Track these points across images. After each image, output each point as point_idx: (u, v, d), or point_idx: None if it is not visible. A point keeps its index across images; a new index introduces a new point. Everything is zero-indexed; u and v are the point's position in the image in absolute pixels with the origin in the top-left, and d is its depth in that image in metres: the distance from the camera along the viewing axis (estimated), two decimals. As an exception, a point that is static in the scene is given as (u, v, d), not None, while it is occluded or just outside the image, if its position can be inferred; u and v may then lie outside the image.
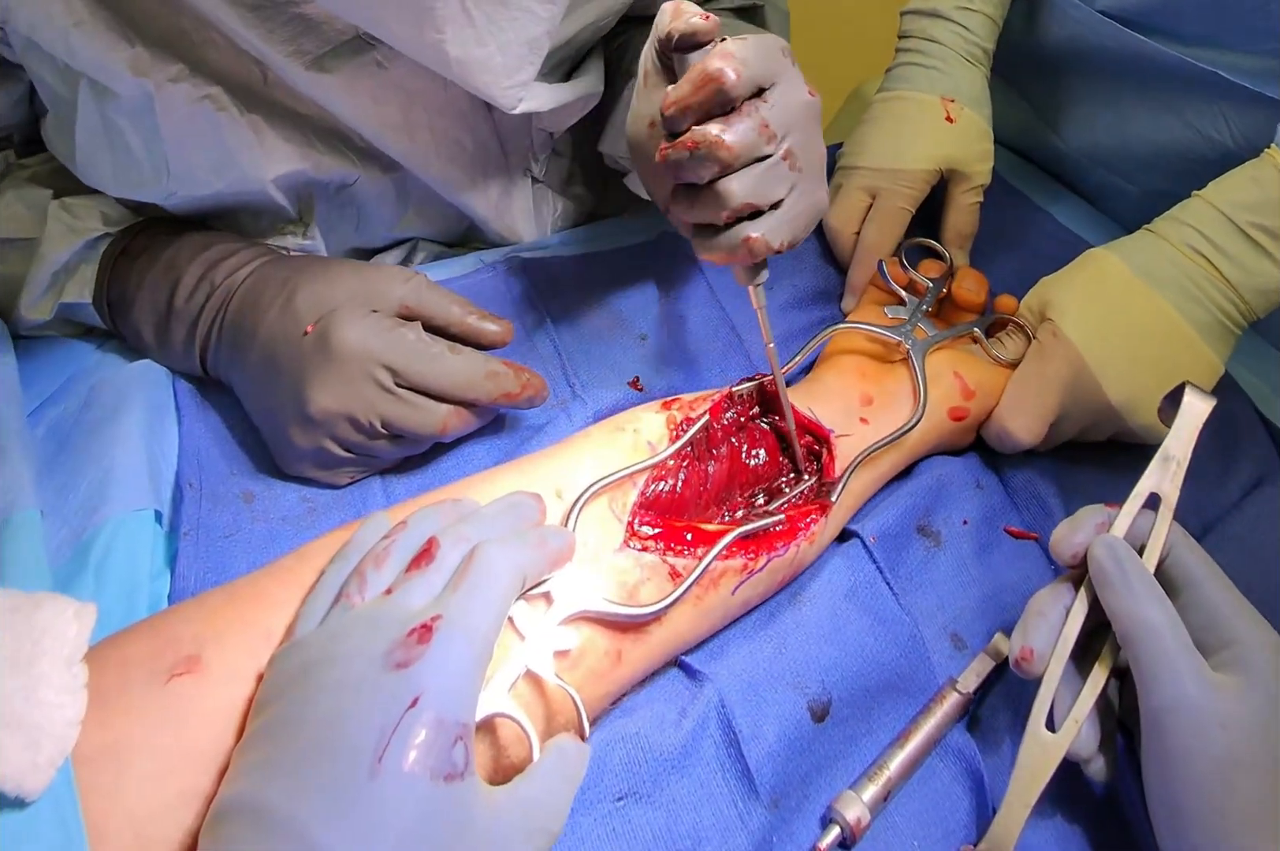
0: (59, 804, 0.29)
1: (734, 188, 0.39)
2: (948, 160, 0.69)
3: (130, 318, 0.52)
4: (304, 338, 0.46)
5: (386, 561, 0.35)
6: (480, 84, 0.48)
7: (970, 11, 0.72)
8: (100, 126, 0.48)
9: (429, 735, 0.29)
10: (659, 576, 0.41)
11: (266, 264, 0.50)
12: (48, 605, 0.31)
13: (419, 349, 0.46)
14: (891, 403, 0.52)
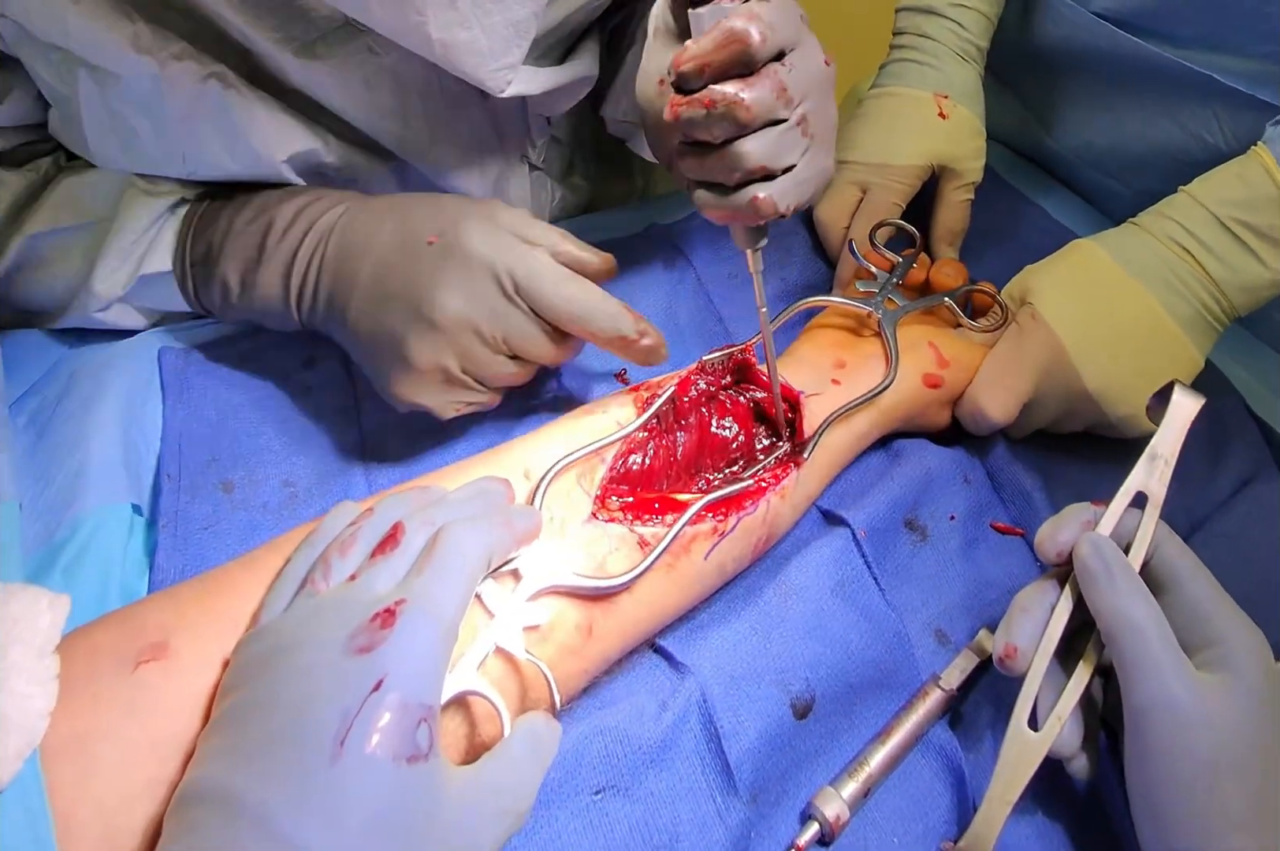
0: (26, 795, 0.29)
1: (749, 149, 0.39)
2: (939, 156, 0.69)
3: (215, 271, 0.50)
4: (429, 246, 0.45)
5: (352, 548, 0.36)
6: (466, 67, 0.48)
7: (965, 8, 0.72)
8: (106, 117, 0.48)
9: (392, 718, 0.29)
10: (627, 546, 0.41)
11: (361, 199, 0.51)
12: (21, 595, 0.31)
13: (547, 267, 0.46)
14: (864, 365, 0.53)
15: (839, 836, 0.39)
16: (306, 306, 0.49)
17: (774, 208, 0.40)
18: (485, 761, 0.32)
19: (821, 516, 0.51)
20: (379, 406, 0.50)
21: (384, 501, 0.38)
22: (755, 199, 0.40)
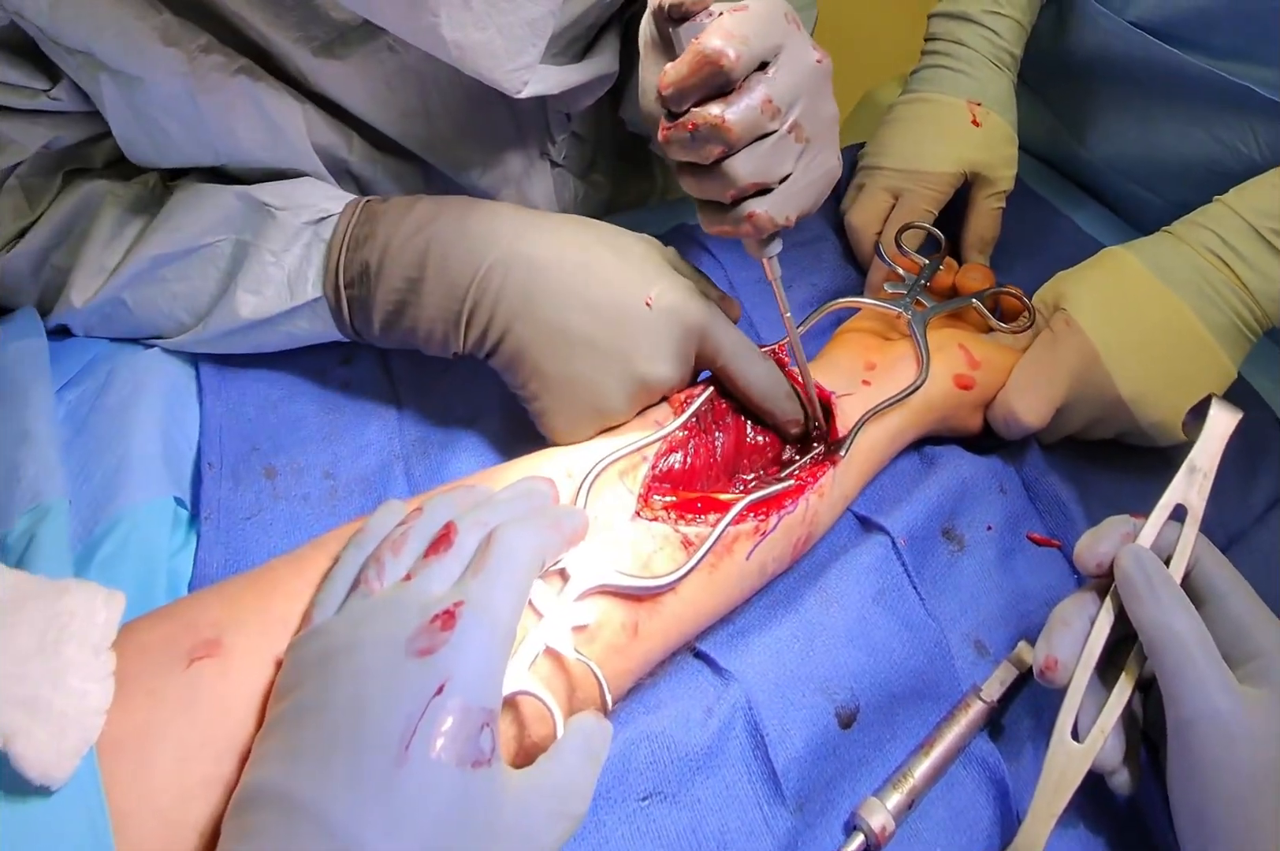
0: (84, 792, 0.29)
1: (738, 168, 0.39)
2: (972, 164, 0.69)
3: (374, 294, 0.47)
4: (646, 308, 0.46)
5: (404, 547, 0.36)
6: (482, 68, 0.47)
7: (999, 16, 0.73)
8: (132, 118, 0.48)
9: (455, 722, 0.30)
10: (671, 546, 0.42)
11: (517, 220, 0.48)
12: (76, 591, 0.31)
13: (745, 344, 0.49)
14: (894, 366, 0.53)
15: (884, 848, 0.39)
16: (475, 335, 0.47)
17: (772, 222, 0.41)
18: (541, 764, 0.32)
19: (858, 522, 0.52)
20: (417, 402, 0.50)
21: (432, 501, 0.38)
22: (752, 215, 0.40)
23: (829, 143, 0.42)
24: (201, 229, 0.50)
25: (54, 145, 0.50)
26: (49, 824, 0.28)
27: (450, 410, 0.52)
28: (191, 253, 0.50)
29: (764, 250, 0.44)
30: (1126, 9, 0.70)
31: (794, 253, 0.69)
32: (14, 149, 0.48)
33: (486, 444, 0.51)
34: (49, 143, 0.49)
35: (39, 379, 0.47)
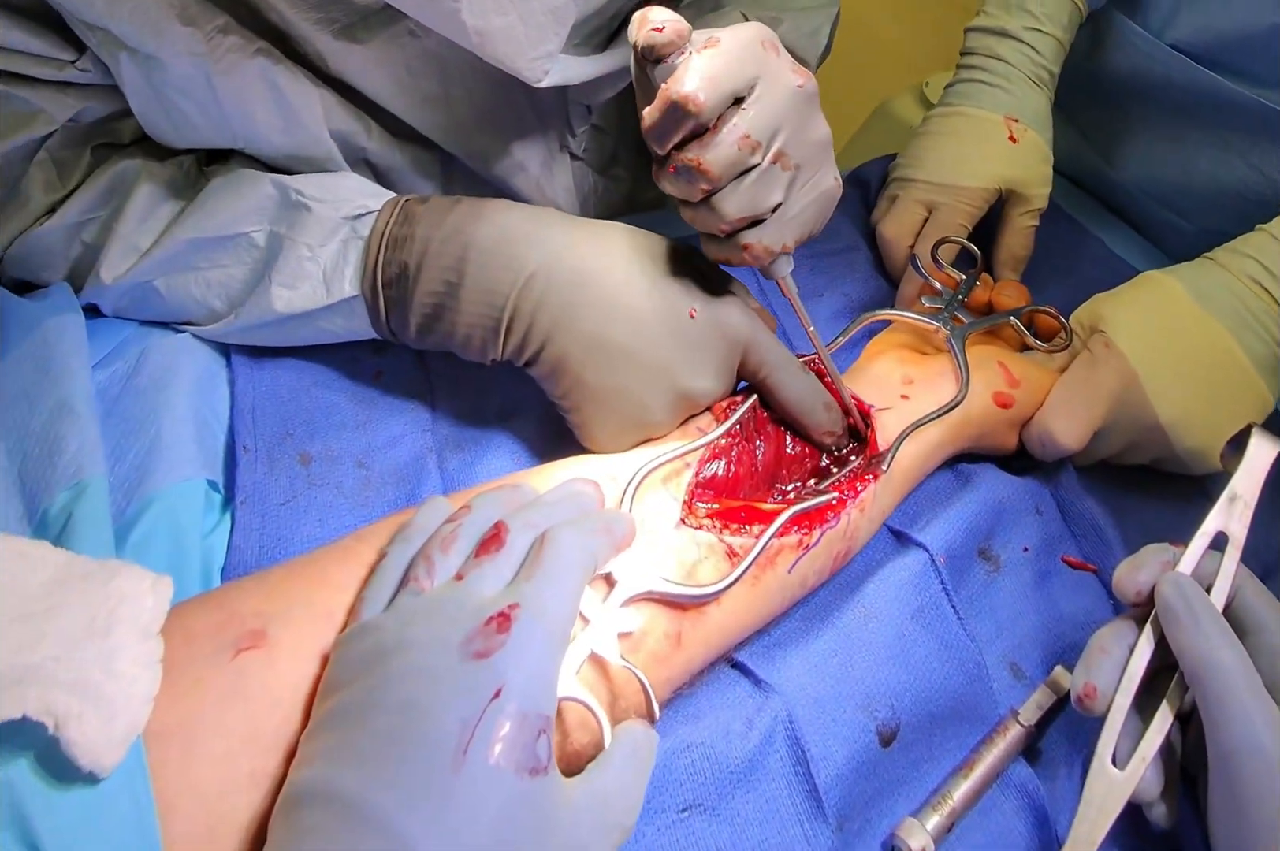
0: (131, 781, 0.29)
1: (726, 205, 0.41)
2: (1008, 181, 0.71)
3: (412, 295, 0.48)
4: (691, 320, 0.47)
5: (453, 545, 0.37)
6: (502, 56, 0.49)
7: (1040, 33, 0.75)
8: (153, 98, 0.49)
9: (513, 728, 0.30)
10: (716, 556, 0.43)
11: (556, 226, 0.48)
12: (124, 573, 0.32)
13: (787, 357, 0.50)
14: (933, 382, 0.55)
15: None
16: (515, 343, 0.47)
17: (768, 251, 0.44)
18: (592, 773, 0.33)
19: (892, 536, 0.53)
20: (451, 395, 0.51)
21: (480, 499, 0.39)
22: (748, 246, 0.43)
23: (821, 165, 0.44)
24: (237, 216, 0.50)
25: (82, 118, 0.51)
26: (95, 813, 0.29)
27: (485, 406, 0.53)
28: (226, 240, 0.51)
29: (774, 270, 0.46)
30: (1165, 31, 0.72)
31: (826, 261, 0.71)
32: (43, 119, 0.49)
33: (521, 442, 0.52)
34: (77, 115, 0.50)
35: (78, 354, 0.47)
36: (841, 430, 0.51)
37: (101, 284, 0.52)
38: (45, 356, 0.47)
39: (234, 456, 0.48)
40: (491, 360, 0.49)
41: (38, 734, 0.28)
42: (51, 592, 0.31)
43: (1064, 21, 0.75)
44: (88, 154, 0.53)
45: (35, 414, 0.44)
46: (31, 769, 0.28)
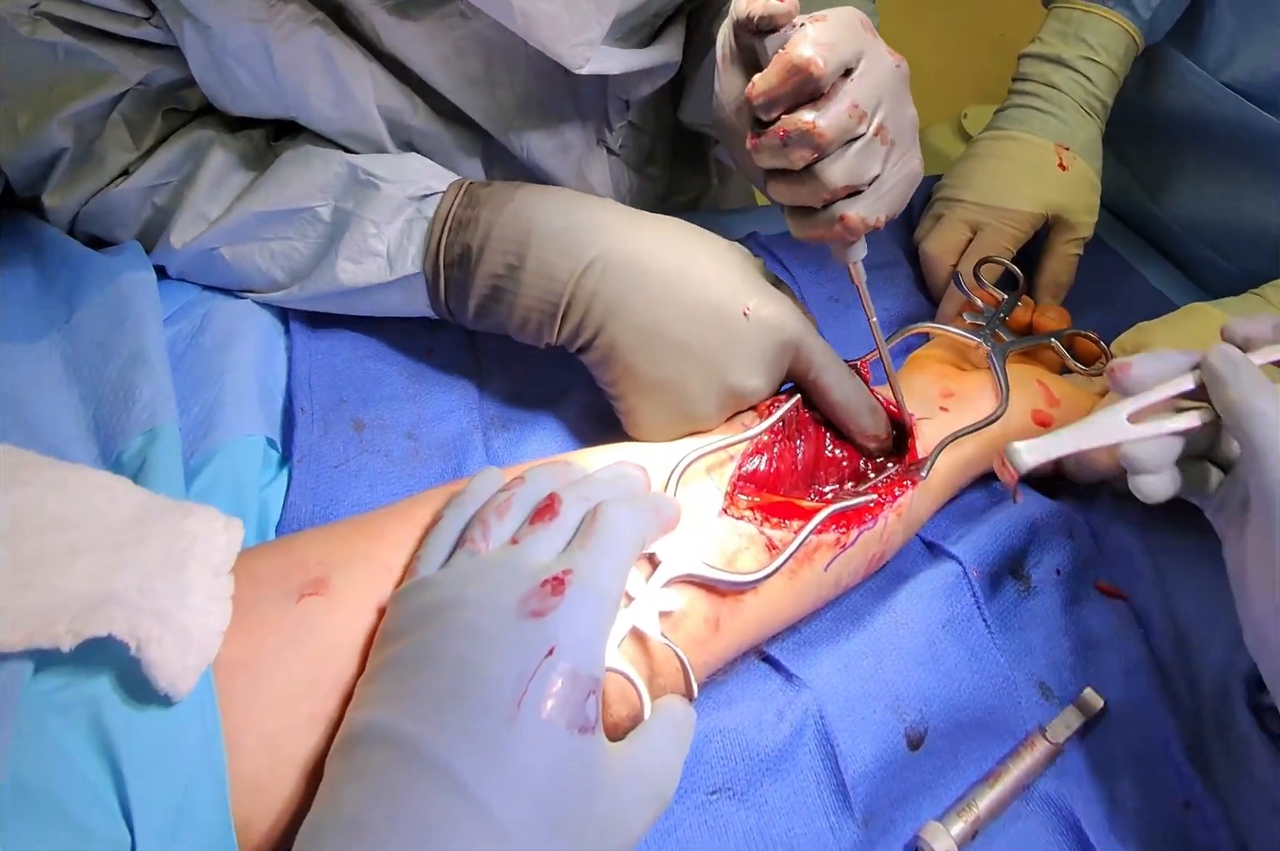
0: (200, 709, 0.32)
1: (831, 172, 0.43)
2: (1056, 207, 0.75)
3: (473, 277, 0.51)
4: (744, 318, 0.49)
5: (508, 512, 0.39)
6: (545, 39, 0.52)
7: (1095, 63, 0.79)
8: (212, 66, 0.53)
9: (565, 685, 0.33)
10: (756, 547, 0.46)
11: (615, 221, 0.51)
12: (197, 514, 0.34)
13: (835, 361, 0.52)
14: (972, 395, 0.58)
15: (944, 874, 0.42)
16: (570, 329, 0.50)
17: (863, 223, 0.46)
18: (634, 742, 0.35)
19: (924, 546, 0.55)
20: (499, 376, 0.54)
21: (533, 471, 0.41)
22: (844, 218, 0.45)
23: (911, 144, 0.47)
24: (306, 191, 0.54)
25: (152, 81, 0.54)
26: (169, 737, 0.31)
27: (531, 389, 0.56)
28: (293, 214, 0.54)
29: (850, 254, 0.49)
30: (1221, 70, 0.76)
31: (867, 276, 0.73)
32: (116, 79, 0.53)
33: (564, 426, 0.55)
34: (147, 78, 0.54)
35: (152, 309, 0.51)
36: (885, 435, 0.54)
37: (170, 248, 0.56)
38: (120, 308, 0.51)
39: (290, 419, 0.51)
40: (545, 344, 0.52)
41: (119, 654, 0.30)
42: (131, 526, 0.33)
43: (1120, 53, 0.79)
44: (159, 118, 0.56)
45: (110, 362, 0.48)
46: (112, 687, 0.30)
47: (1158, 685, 0.53)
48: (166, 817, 0.30)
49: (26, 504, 0.32)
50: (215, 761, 0.32)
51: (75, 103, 0.52)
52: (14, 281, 0.55)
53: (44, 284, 0.55)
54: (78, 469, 0.35)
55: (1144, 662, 0.54)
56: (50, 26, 0.50)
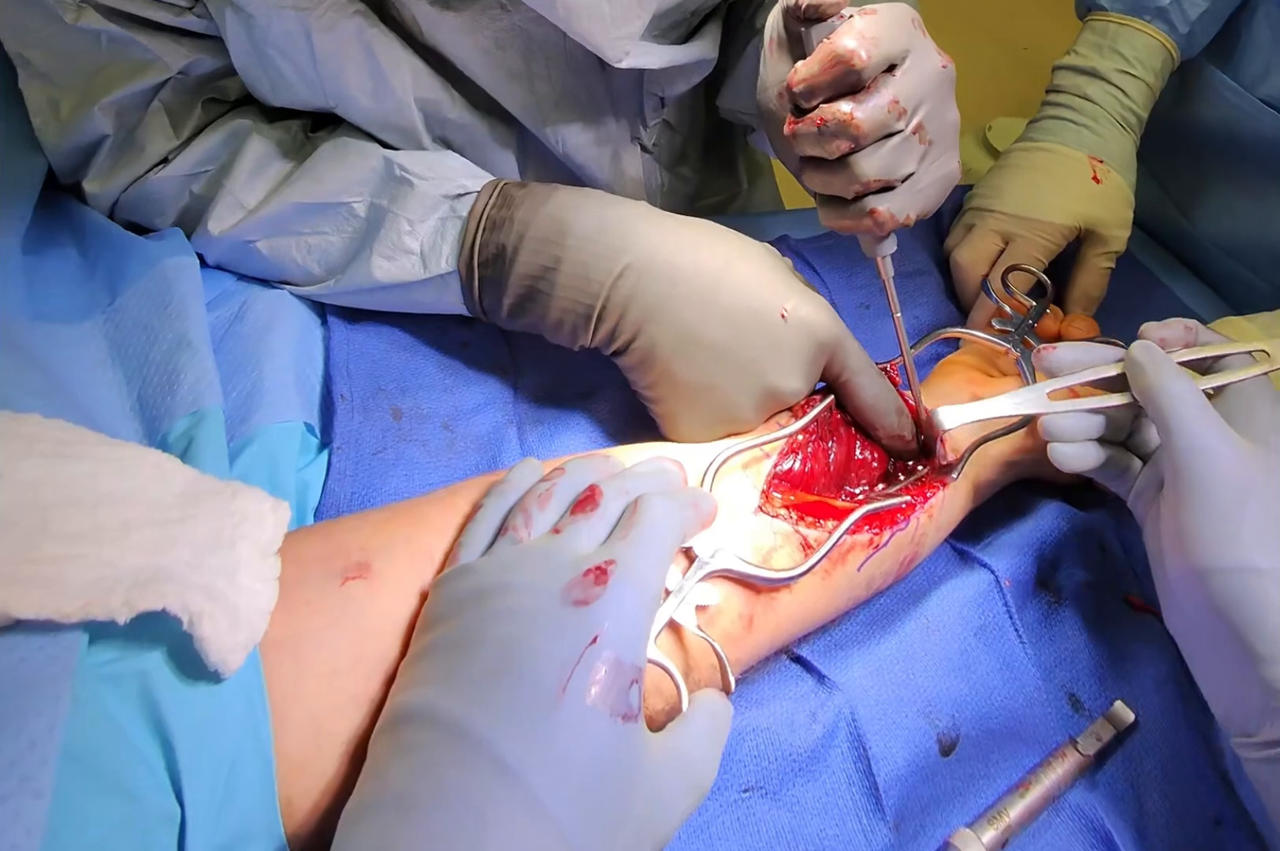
0: (248, 687, 0.33)
1: (864, 164, 0.44)
2: (1089, 220, 0.76)
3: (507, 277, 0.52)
4: (781, 321, 0.50)
5: (549, 502, 0.41)
6: (585, 31, 0.54)
7: (1131, 77, 0.80)
8: (253, 55, 0.55)
9: (608, 674, 0.34)
10: (791, 545, 0.47)
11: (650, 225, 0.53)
12: (247, 494, 0.35)
13: (864, 358, 0.54)
14: None
15: (975, 882, 0.43)
16: (605, 332, 0.52)
17: (893, 218, 0.47)
18: (673, 732, 0.36)
19: (954, 553, 0.56)
20: (534, 371, 0.55)
21: (573, 463, 0.42)
22: (874, 211, 0.46)
23: (950, 147, 0.48)
24: (342, 185, 0.56)
25: (192, 70, 0.56)
26: (216, 711, 0.32)
27: (564, 386, 0.58)
28: (329, 208, 0.56)
29: (879, 248, 0.50)
30: (1258, 86, 0.78)
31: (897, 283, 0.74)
32: (158, 67, 0.55)
33: (597, 424, 0.56)
34: (187, 67, 0.56)
35: (195, 294, 0.53)
36: (910, 436, 0.55)
37: (208, 235, 0.58)
38: (164, 293, 0.52)
39: (327, 407, 0.53)
40: (580, 346, 0.53)
41: (171, 629, 0.31)
42: (181, 505, 0.34)
43: (1156, 67, 0.80)
44: (199, 108, 0.58)
45: (155, 345, 0.50)
46: (164, 661, 0.31)
47: (1189, 701, 0.54)
48: (214, 792, 0.31)
49: (80, 478, 0.33)
50: (262, 738, 0.32)
51: (117, 90, 0.54)
52: (58, 264, 0.56)
53: (87, 267, 0.56)
54: (130, 446, 0.36)
55: (1175, 678, 0.55)
56: (94, 14, 0.52)
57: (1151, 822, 0.49)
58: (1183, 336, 0.52)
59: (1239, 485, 0.43)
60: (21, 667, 0.29)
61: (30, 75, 0.54)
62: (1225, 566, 0.42)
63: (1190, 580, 0.44)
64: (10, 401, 0.36)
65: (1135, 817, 0.48)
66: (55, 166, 0.58)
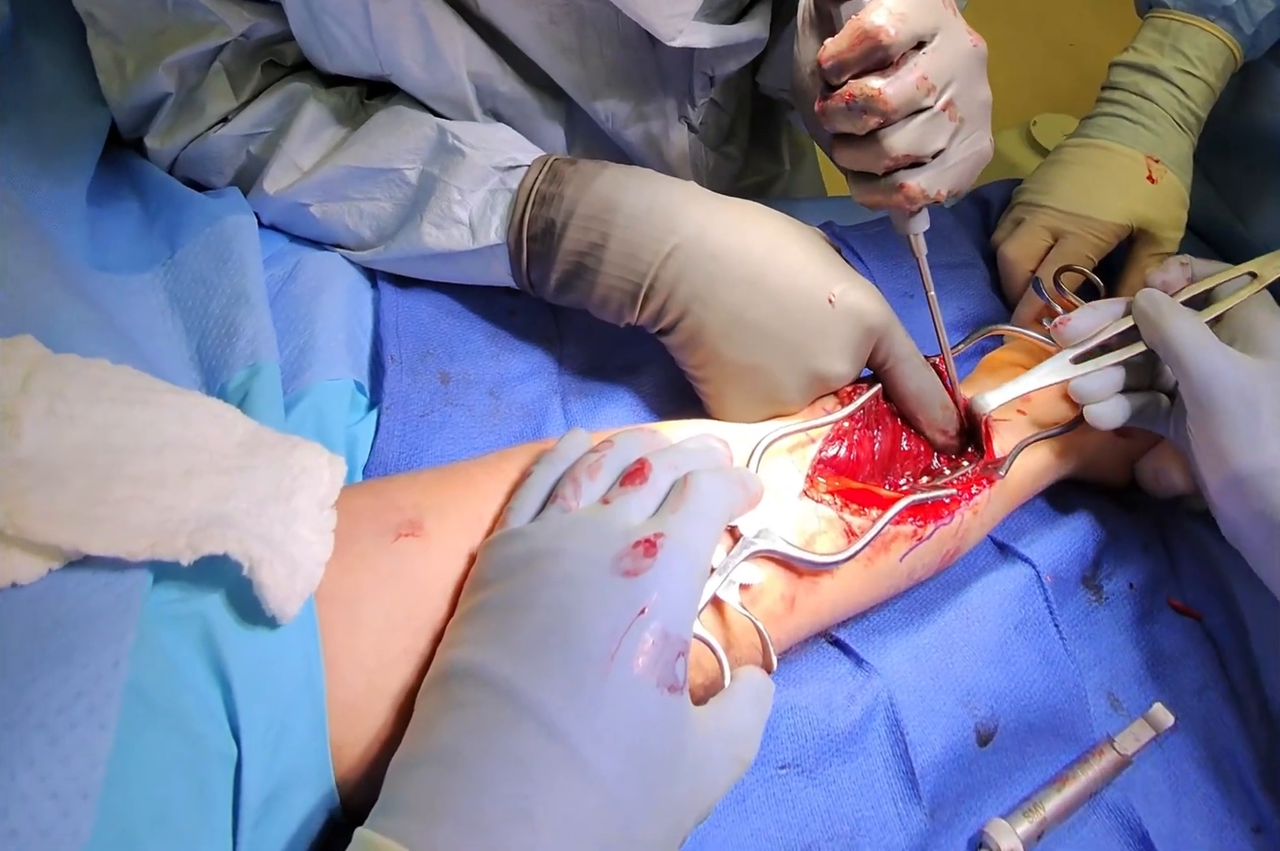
0: (304, 635, 0.34)
1: (893, 140, 0.47)
2: (1143, 219, 0.77)
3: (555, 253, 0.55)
4: (829, 306, 0.53)
5: (599, 473, 0.42)
6: (641, 9, 0.57)
7: (1192, 76, 0.82)
8: (310, 23, 0.57)
9: (656, 645, 0.35)
10: (835, 531, 0.48)
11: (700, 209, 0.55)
12: (305, 447, 0.37)
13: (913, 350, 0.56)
14: (1049, 401, 0.61)
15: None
16: (651, 311, 0.54)
17: (923, 194, 0.49)
18: (716, 706, 0.38)
19: (995, 547, 0.58)
20: (579, 343, 0.58)
21: (622, 436, 0.44)
22: (904, 186, 0.48)
23: (982, 124, 0.51)
24: (395, 151, 0.59)
25: (252, 34, 0.59)
26: (273, 656, 0.34)
27: (609, 359, 0.60)
28: (379, 173, 0.59)
29: (911, 225, 0.52)
30: (1324, 88, 0.79)
31: (942, 275, 0.77)
32: (219, 30, 0.58)
33: (641, 398, 0.59)
34: (248, 30, 0.59)
35: (253, 251, 0.56)
36: (954, 432, 0.57)
37: (264, 194, 0.61)
38: (223, 248, 0.55)
39: (375, 368, 0.56)
40: (625, 323, 0.55)
41: (231, 574, 0.33)
42: (241, 454, 0.36)
43: (1218, 67, 0.82)
44: (258, 71, 0.61)
45: (213, 298, 0.52)
46: (223, 605, 0.33)
47: (1230, 707, 0.55)
48: (268, 735, 0.33)
49: (146, 424, 0.35)
50: (315, 686, 0.34)
51: (180, 50, 0.57)
52: (120, 217, 0.59)
53: (147, 221, 0.60)
54: (192, 394, 0.38)
55: (1216, 683, 0.56)
56: None
57: (1189, 825, 0.50)
58: (1182, 274, 0.60)
59: (1250, 398, 0.49)
60: (89, 602, 0.31)
61: (98, 33, 0.57)
62: (1254, 472, 0.48)
63: (1228, 492, 0.50)
64: (77, 345, 0.38)
65: (1172, 820, 0.50)
66: (119, 122, 0.61)
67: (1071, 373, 0.56)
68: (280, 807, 0.34)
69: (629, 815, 0.33)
